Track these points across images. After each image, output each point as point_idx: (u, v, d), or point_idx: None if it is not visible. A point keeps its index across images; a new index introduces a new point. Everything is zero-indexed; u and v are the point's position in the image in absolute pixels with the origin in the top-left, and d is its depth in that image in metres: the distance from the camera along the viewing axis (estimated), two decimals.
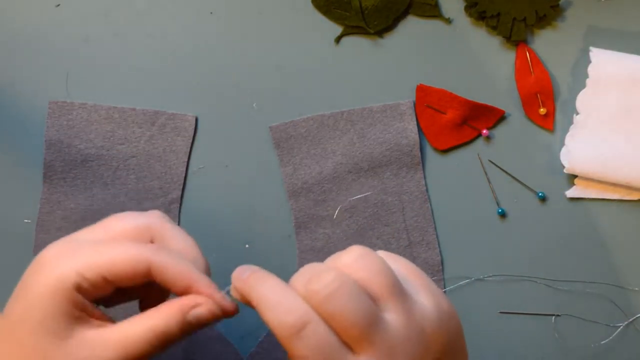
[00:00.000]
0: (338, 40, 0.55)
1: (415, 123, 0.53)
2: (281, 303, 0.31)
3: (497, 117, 0.54)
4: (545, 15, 0.55)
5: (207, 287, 0.34)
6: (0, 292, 0.50)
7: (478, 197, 0.53)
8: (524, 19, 0.55)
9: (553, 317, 0.52)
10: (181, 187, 0.52)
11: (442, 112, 0.54)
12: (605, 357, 0.51)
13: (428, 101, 0.54)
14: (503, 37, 0.55)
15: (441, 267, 0.52)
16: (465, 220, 0.53)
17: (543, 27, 0.56)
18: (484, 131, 0.54)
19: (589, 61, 0.54)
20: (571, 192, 0.53)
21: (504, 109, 0.54)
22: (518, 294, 0.52)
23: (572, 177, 0.54)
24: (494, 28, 0.55)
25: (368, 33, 0.55)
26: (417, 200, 0.53)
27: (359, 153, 0.53)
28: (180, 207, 0.52)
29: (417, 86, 0.54)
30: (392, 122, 0.53)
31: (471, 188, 0.54)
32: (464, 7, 0.56)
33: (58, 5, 0.54)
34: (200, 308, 0.34)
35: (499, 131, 0.54)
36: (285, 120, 0.53)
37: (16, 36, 0.53)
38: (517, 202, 0.53)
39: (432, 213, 0.53)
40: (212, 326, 0.49)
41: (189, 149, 0.53)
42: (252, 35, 0.55)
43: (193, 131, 0.53)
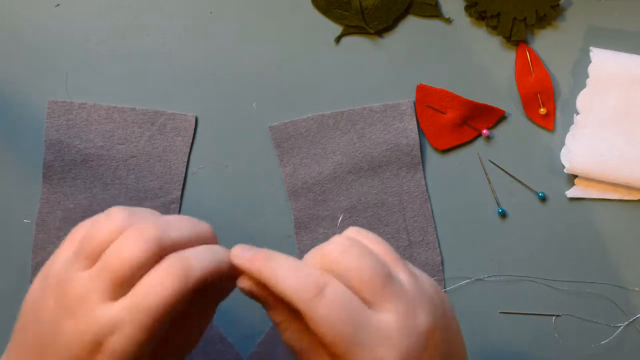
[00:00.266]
0: (338, 40, 0.55)
1: (415, 123, 0.53)
2: (298, 269, 0.32)
3: (498, 117, 0.54)
4: (545, 15, 0.55)
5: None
6: (0, 292, 0.50)
7: (478, 197, 0.53)
8: (524, 19, 0.55)
9: (553, 317, 0.52)
10: (181, 187, 0.52)
11: (442, 112, 0.54)
12: (605, 357, 0.51)
13: (428, 101, 0.54)
14: (503, 37, 0.55)
15: (441, 267, 0.52)
16: (465, 220, 0.53)
17: (543, 27, 0.56)
18: (484, 131, 0.54)
19: (590, 61, 0.54)
20: (571, 192, 0.53)
21: (504, 109, 0.54)
22: (518, 294, 0.52)
23: (573, 177, 0.54)
24: (494, 28, 0.55)
25: (368, 33, 0.55)
26: (417, 200, 0.53)
27: (359, 153, 0.53)
28: (180, 207, 0.52)
29: (417, 86, 0.54)
30: (392, 122, 0.53)
31: (471, 188, 0.53)
32: (464, 7, 0.56)
33: (58, 5, 0.54)
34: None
35: (499, 131, 0.54)
36: (285, 120, 0.53)
37: (16, 36, 0.53)
38: (518, 202, 0.53)
39: (432, 213, 0.53)
40: (212, 326, 0.50)
41: (189, 149, 0.53)
42: (252, 35, 0.55)
43: (193, 131, 0.53)
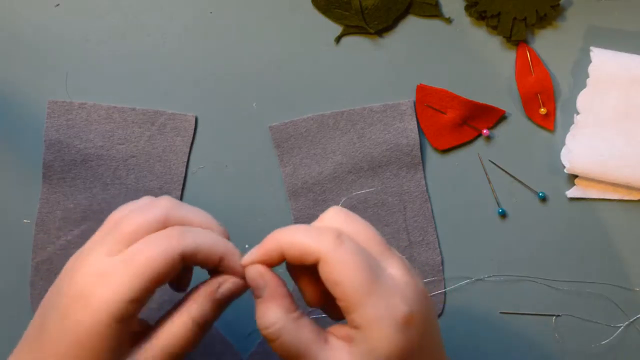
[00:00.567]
0: (338, 40, 0.55)
1: (415, 123, 0.53)
2: (313, 228, 0.35)
3: (498, 117, 0.54)
4: (545, 15, 0.55)
5: (234, 255, 0.37)
6: (0, 292, 0.50)
7: (478, 197, 0.53)
8: (525, 19, 0.55)
9: (553, 317, 0.52)
10: (181, 187, 0.52)
11: (442, 112, 0.54)
12: (605, 358, 0.51)
13: (428, 101, 0.54)
14: (503, 37, 0.55)
15: (441, 267, 0.52)
16: (465, 220, 0.53)
17: (543, 27, 0.56)
18: (485, 131, 0.54)
19: (590, 61, 0.54)
20: (572, 192, 0.53)
21: (505, 109, 0.54)
22: (518, 294, 0.52)
23: (573, 177, 0.53)
24: (495, 28, 0.55)
25: (368, 33, 0.55)
26: (418, 200, 0.53)
27: (359, 153, 0.53)
28: None
29: (417, 86, 0.54)
30: (392, 122, 0.53)
31: (471, 188, 0.53)
32: (465, 7, 0.56)
33: (57, 5, 0.54)
34: (226, 284, 0.36)
35: (500, 131, 0.54)
36: (285, 120, 0.53)
37: (16, 36, 0.53)
38: (518, 202, 0.53)
39: (433, 213, 0.53)
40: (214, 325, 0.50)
41: (189, 149, 0.53)
42: (252, 35, 0.55)
43: (193, 131, 0.53)
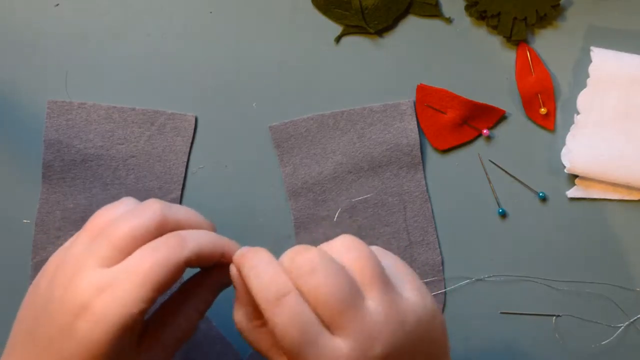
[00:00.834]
0: (338, 40, 0.55)
1: (415, 123, 0.53)
2: (266, 273, 0.33)
3: (498, 117, 0.54)
4: (545, 14, 0.55)
5: (233, 248, 0.37)
6: (0, 292, 0.50)
7: (478, 197, 0.53)
8: (525, 19, 0.55)
9: (553, 318, 0.52)
10: (181, 187, 0.52)
11: (443, 112, 0.54)
12: (606, 358, 0.51)
13: (428, 101, 0.54)
14: (504, 37, 0.55)
15: (441, 267, 0.52)
16: (465, 220, 0.53)
17: (544, 27, 0.56)
18: (485, 131, 0.54)
19: (590, 61, 0.54)
20: (572, 192, 0.53)
21: (505, 109, 0.54)
22: (518, 294, 0.52)
23: (573, 177, 0.53)
24: (495, 28, 0.55)
25: (368, 33, 0.55)
26: (418, 200, 0.53)
27: (359, 153, 0.53)
28: None
29: (417, 86, 0.54)
30: (393, 122, 0.53)
31: (471, 188, 0.53)
32: (465, 7, 0.55)
33: (57, 4, 0.54)
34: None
35: (500, 131, 0.54)
36: (285, 120, 0.53)
37: (16, 36, 0.53)
38: (518, 202, 0.53)
39: (433, 213, 0.53)
40: (211, 325, 0.49)
41: (189, 149, 0.53)
42: (252, 35, 0.54)
43: (193, 131, 0.53)
